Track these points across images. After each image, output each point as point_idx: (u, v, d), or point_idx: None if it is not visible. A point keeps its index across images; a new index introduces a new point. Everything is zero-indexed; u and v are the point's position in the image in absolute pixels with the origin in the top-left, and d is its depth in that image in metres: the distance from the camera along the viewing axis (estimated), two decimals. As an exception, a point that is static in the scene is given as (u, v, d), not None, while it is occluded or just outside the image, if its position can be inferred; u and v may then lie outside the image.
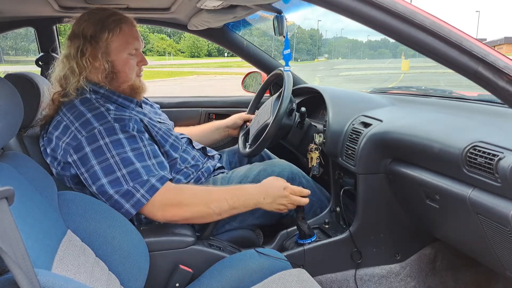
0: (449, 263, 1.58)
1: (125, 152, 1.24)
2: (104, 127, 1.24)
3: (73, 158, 1.24)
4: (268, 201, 1.35)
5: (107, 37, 1.32)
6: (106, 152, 1.22)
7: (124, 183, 1.21)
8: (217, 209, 1.28)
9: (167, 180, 1.26)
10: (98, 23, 1.33)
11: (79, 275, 0.89)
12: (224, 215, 1.31)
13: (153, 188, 1.22)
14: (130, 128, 1.29)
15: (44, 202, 0.96)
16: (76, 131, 1.25)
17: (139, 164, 1.24)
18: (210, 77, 23.20)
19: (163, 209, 1.25)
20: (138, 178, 1.22)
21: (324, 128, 1.63)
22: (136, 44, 1.39)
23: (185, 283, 1.24)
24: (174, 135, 1.51)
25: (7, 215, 0.57)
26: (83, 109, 1.28)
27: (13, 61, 23.53)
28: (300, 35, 75.48)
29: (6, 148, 1.26)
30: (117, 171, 1.21)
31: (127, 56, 1.37)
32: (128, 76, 1.39)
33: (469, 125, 1.19)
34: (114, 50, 1.35)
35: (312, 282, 1.13)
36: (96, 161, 1.22)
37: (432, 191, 1.20)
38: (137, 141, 1.28)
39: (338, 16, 0.81)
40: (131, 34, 1.37)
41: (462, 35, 0.77)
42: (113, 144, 1.23)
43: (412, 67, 28.69)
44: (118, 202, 1.21)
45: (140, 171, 1.23)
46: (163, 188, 1.24)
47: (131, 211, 1.21)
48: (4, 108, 0.83)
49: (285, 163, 1.65)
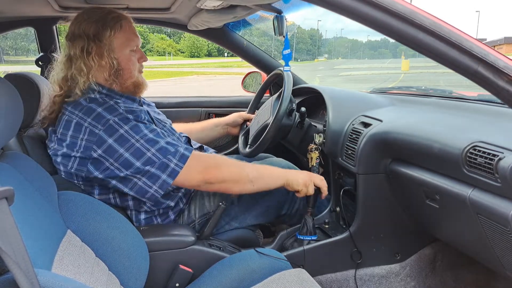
0: (449, 263, 1.58)
1: (145, 135, 1.28)
2: (119, 118, 1.27)
3: (98, 153, 1.24)
4: (293, 174, 1.41)
5: (110, 34, 1.33)
6: (130, 138, 1.25)
7: (156, 160, 1.26)
8: (250, 173, 1.34)
9: (192, 149, 1.33)
10: (99, 22, 1.33)
11: (79, 275, 0.89)
12: (255, 185, 1.35)
13: (184, 157, 1.28)
14: (141, 118, 1.34)
15: (44, 202, 0.96)
16: (91, 126, 1.25)
17: (163, 141, 1.29)
18: (210, 77, 23.20)
19: (200, 172, 1.30)
20: (167, 152, 1.28)
21: (324, 128, 1.63)
22: (137, 41, 1.41)
23: (185, 283, 1.24)
24: (177, 134, 1.54)
25: (7, 215, 0.57)
26: (92, 105, 1.29)
27: (13, 61, 23.54)
28: (300, 35, 75.52)
29: (6, 148, 1.26)
30: (146, 151, 1.26)
31: (129, 53, 1.38)
32: (132, 72, 1.40)
33: (469, 125, 1.19)
34: (118, 47, 1.35)
35: (312, 282, 1.13)
36: (123, 149, 1.24)
37: (432, 191, 1.20)
38: (152, 125, 1.34)
39: (338, 16, 0.81)
40: (131, 31, 1.39)
41: (462, 35, 0.77)
42: (133, 130, 1.27)
43: (412, 67, 28.70)
44: (154, 175, 1.25)
45: (166, 146, 1.28)
46: (192, 155, 1.30)
47: (168, 181, 1.26)
48: (4, 108, 0.83)
49: (284, 163, 1.65)
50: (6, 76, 1.36)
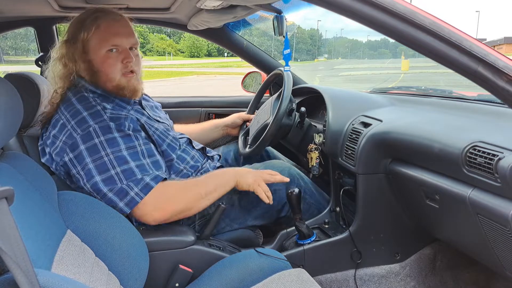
0: (449, 263, 1.58)
1: (119, 150, 1.24)
2: (99, 126, 1.25)
3: (70, 157, 1.25)
4: (242, 174, 1.40)
5: (83, 36, 1.32)
6: (100, 150, 1.22)
7: (118, 181, 1.21)
8: (203, 190, 1.32)
9: (161, 179, 1.26)
10: (78, 24, 1.34)
11: (78, 275, 0.89)
12: (210, 198, 1.33)
13: (147, 187, 1.23)
14: (125, 127, 1.29)
15: (44, 202, 0.96)
16: (72, 129, 1.25)
17: (133, 163, 1.24)
18: (210, 77, 23.19)
19: (158, 210, 1.25)
20: (132, 176, 1.22)
21: (324, 128, 1.63)
22: (116, 40, 1.34)
23: (185, 283, 1.24)
24: (172, 135, 1.50)
25: (7, 215, 0.57)
26: (80, 107, 1.29)
27: (13, 61, 23.54)
28: (300, 35, 75.47)
29: (6, 148, 1.26)
30: (111, 169, 1.21)
31: (105, 54, 1.33)
32: (109, 75, 1.34)
33: (469, 125, 1.19)
34: (92, 48, 1.33)
35: (312, 282, 1.13)
36: (90, 159, 1.22)
37: (432, 191, 1.20)
38: (132, 140, 1.28)
39: (338, 16, 0.81)
40: (109, 31, 1.33)
41: (462, 35, 0.77)
42: (108, 142, 1.23)
43: (412, 67, 28.66)
44: (112, 200, 1.21)
45: (134, 170, 1.23)
46: (157, 187, 1.24)
47: (125, 209, 1.21)
48: (4, 108, 0.83)
49: (285, 164, 1.65)
50: (6, 76, 1.36)
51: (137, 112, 1.42)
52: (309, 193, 1.64)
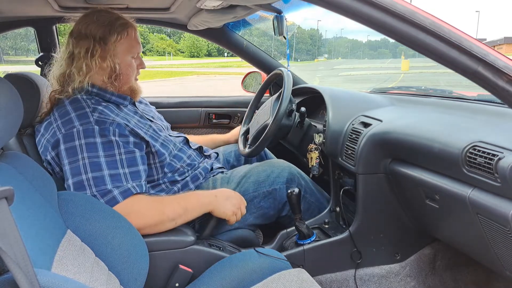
0: (449, 263, 1.58)
1: (97, 156, 1.22)
2: (83, 128, 1.24)
3: (52, 155, 1.27)
4: (221, 199, 1.34)
5: (116, 39, 1.36)
6: (78, 153, 1.22)
7: (87, 187, 1.19)
8: (172, 213, 1.25)
9: (131, 194, 1.22)
10: (107, 25, 1.36)
11: (78, 275, 0.89)
12: (178, 221, 1.27)
13: (113, 201, 1.19)
14: (110, 132, 1.26)
15: (44, 202, 0.96)
16: (56, 128, 1.27)
17: (107, 171, 1.21)
18: (210, 77, 23.19)
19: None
20: (101, 185, 1.20)
21: (324, 128, 1.63)
22: (138, 48, 1.44)
23: (185, 283, 1.24)
24: (164, 135, 1.50)
25: (7, 215, 0.57)
26: (70, 108, 1.30)
27: (13, 61, 23.54)
28: (300, 35, 75.46)
29: (6, 148, 1.27)
30: (83, 174, 1.20)
31: (130, 59, 1.41)
32: (129, 78, 1.43)
33: (469, 125, 1.19)
34: (121, 52, 1.38)
35: (312, 282, 1.13)
36: (67, 160, 1.23)
37: (432, 191, 1.20)
38: (113, 147, 1.25)
39: (338, 16, 0.81)
40: (135, 39, 1.42)
41: (462, 35, 0.77)
42: (87, 146, 1.22)
43: (412, 67, 28.67)
44: None
45: (105, 178, 1.21)
46: (125, 202, 1.20)
47: None
48: (4, 108, 0.83)
49: (285, 164, 1.65)
50: (6, 76, 1.36)
51: (130, 111, 1.43)
52: (309, 192, 1.64)
